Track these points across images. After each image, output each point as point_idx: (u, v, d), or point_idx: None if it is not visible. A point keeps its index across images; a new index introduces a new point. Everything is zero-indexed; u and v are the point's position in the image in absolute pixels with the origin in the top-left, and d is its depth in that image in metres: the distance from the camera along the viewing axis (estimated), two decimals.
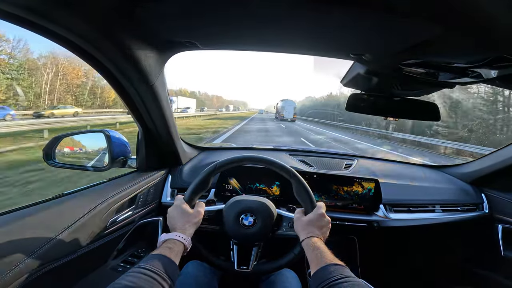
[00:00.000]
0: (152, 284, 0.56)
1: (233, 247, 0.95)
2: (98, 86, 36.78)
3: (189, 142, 1.54)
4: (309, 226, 0.80)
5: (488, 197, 1.41)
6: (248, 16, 0.58)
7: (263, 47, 0.78)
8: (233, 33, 0.68)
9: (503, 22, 0.48)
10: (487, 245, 1.40)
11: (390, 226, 1.27)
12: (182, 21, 0.61)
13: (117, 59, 0.73)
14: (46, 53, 32.64)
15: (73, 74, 34.41)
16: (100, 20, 0.58)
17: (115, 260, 1.01)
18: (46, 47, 33.27)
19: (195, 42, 0.73)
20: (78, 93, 35.11)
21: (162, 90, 0.95)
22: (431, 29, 0.54)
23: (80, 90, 35.52)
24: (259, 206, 0.93)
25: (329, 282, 0.59)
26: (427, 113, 0.98)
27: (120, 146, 1.12)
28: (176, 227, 0.77)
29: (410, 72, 0.83)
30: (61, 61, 32.83)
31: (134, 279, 0.54)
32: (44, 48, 33.76)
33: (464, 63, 0.72)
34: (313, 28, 0.62)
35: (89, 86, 36.28)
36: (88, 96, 36.35)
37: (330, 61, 3.06)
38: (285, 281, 0.95)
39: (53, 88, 31.90)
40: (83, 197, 0.88)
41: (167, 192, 1.27)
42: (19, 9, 0.52)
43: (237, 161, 0.91)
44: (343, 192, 1.30)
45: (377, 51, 0.70)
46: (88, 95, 36.33)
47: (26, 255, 0.64)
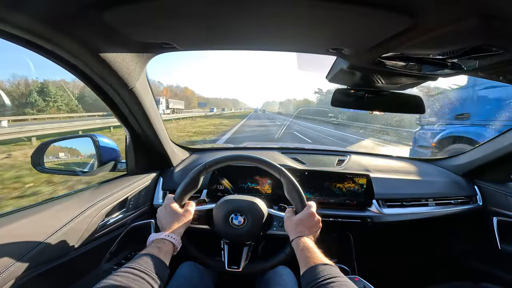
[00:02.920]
0: (140, 284, 0.55)
1: (224, 246, 0.95)
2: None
3: (180, 144, 1.54)
4: (299, 225, 0.80)
5: (481, 189, 1.41)
6: (222, 15, 0.58)
7: (240, 46, 0.78)
8: (209, 33, 0.68)
9: (474, 12, 0.49)
10: (483, 238, 1.39)
11: (384, 221, 1.27)
12: (155, 23, 0.61)
13: (93, 64, 0.73)
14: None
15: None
16: (65, 25, 0.58)
17: (108, 263, 1.01)
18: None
19: (172, 43, 0.73)
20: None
21: (145, 93, 0.95)
22: (404, 21, 0.55)
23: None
24: (248, 205, 0.93)
25: (317, 283, 0.58)
26: (412, 106, 0.98)
27: (109, 150, 1.13)
28: (165, 227, 0.78)
29: (391, 66, 0.84)
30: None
31: (121, 279, 0.54)
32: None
33: (442, 55, 0.72)
34: (291, 25, 0.62)
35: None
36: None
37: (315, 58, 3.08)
38: (281, 278, 0.95)
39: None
40: (71, 201, 0.88)
41: (159, 195, 1.27)
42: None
43: (227, 160, 0.92)
44: (335, 189, 1.30)
45: (354, 45, 0.71)
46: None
47: (15, 259, 0.64)
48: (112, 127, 13.35)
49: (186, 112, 46.80)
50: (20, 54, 5.79)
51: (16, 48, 10.57)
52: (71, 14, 0.54)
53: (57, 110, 45.82)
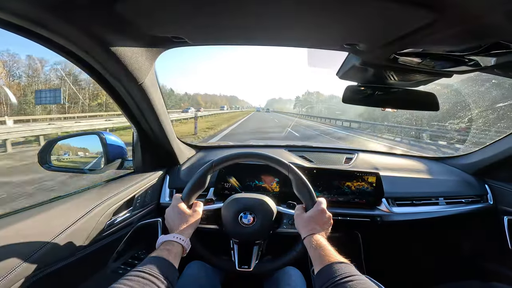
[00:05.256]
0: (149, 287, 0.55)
1: (234, 246, 0.94)
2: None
3: (186, 142, 1.53)
4: (310, 223, 0.79)
5: (492, 188, 1.39)
6: (237, 9, 0.56)
7: (253, 41, 0.76)
8: (222, 27, 0.66)
9: (498, 7, 0.47)
10: (493, 237, 1.38)
11: (394, 220, 1.25)
12: (168, 15, 0.59)
13: (102, 58, 0.71)
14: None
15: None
16: (77, 18, 0.56)
17: (115, 263, 1.00)
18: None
19: (183, 37, 0.71)
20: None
21: (153, 89, 0.94)
22: (426, 16, 0.53)
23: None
24: (258, 204, 0.91)
25: (334, 281, 0.57)
26: (426, 103, 0.96)
27: (116, 148, 1.12)
28: (174, 228, 0.77)
29: (405, 62, 0.82)
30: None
31: (132, 283, 0.53)
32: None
33: (461, 51, 0.70)
34: (305, 18, 0.60)
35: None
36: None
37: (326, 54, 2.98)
38: (290, 279, 0.93)
39: None
40: (78, 199, 0.87)
41: (166, 193, 1.26)
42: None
43: (234, 158, 0.90)
44: (344, 187, 1.28)
45: (371, 40, 0.69)
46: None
47: (23, 259, 0.63)
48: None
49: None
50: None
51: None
52: (82, 4, 0.52)
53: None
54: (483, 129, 9.35)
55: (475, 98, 9.93)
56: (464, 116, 12.13)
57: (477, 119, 9.44)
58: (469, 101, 10.21)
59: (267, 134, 14.18)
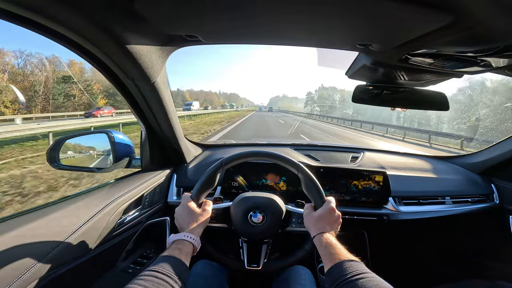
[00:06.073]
0: (163, 287, 0.55)
1: (243, 245, 0.94)
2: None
3: (193, 140, 1.53)
4: (320, 221, 0.79)
5: (498, 187, 1.39)
6: (251, 7, 0.56)
7: (266, 40, 0.76)
8: (236, 25, 0.66)
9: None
10: (499, 237, 1.38)
11: (400, 219, 1.26)
12: (182, 14, 0.59)
13: (116, 55, 0.71)
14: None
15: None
16: (95, 14, 0.56)
17: (125, 262, 1.00)
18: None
19: (197, 36, 0.71)
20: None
21: (164, 88, 0.94)
22: (442, 19, 0.53)
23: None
24: (267, 202, 0.92)
25: (345, 279, 0.57)
26: (436, 103, 0.96)
27: (124, 146, 1.12)
28: (184, 227, 0.77)
29: (417, 62, 0.81)
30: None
31: (146, 283, 0.53)
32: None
33: (473, 52, 0.70)
34: (320, 20, 0.60)
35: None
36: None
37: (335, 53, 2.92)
38: (299, 277, 0.93)
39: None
40: (89, 198, 0.87)
41: (173, 191, 1.26)
42: (15, 7, 0.50)
43: (243, 156, 0.90)
44: (351, 186, 1.28)
45: (385, 41, 0.69)
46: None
47: (37, 260, 0.63)
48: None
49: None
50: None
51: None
52: (100, 1, 0.52)
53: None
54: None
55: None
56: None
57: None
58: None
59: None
